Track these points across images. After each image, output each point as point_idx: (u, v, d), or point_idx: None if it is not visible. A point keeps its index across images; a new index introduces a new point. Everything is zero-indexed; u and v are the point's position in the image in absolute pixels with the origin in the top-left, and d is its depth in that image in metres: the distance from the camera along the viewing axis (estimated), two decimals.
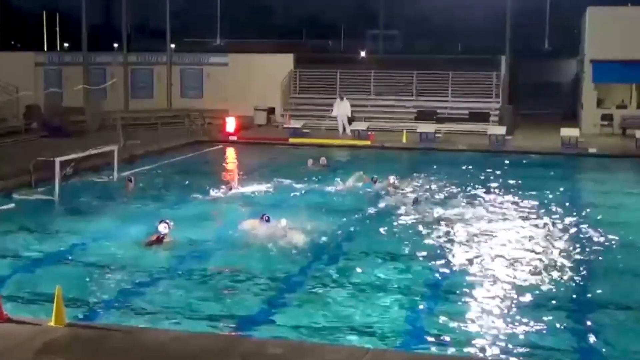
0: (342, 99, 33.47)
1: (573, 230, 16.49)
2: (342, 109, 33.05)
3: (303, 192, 20.82)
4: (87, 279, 12.67)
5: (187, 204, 18.77)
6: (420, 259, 14.09)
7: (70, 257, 14.08)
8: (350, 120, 32.97)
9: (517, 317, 11.00)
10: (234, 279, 12.76)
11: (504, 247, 14.86)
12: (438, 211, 17.96)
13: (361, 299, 11.81)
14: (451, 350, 9.88)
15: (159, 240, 14.53)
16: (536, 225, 16.75)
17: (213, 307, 11.39)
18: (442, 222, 16.77)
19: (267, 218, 15.80)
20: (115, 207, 18.45)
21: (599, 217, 17.78)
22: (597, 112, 34.01)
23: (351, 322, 10.79)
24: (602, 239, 15.71)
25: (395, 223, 16.88)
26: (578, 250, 14.86)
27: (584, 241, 15.54)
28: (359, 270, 13.37)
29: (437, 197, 19.93)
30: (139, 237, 15.41)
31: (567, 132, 29.62)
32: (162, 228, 14.67)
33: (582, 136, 30.11)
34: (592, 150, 28.60)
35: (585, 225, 16.86)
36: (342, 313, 11.14)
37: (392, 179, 21.15)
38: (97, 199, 19.38)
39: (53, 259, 13.95)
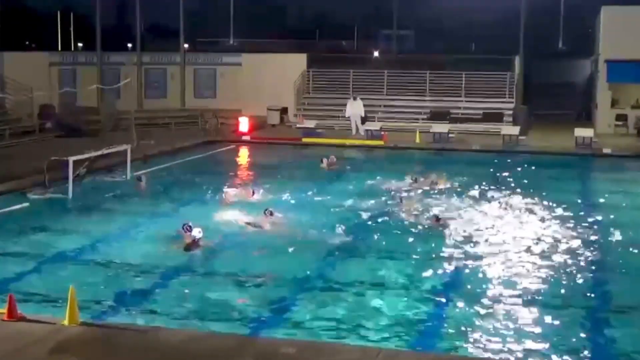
0: (355, 98, 33.46)
1: (588, 230, 16.39)
2: (355, 108, 33.03)
3: (317, 192, 20.83)
4: (101, 278, 12.70)
5: (201, 204, 18.76)
6: (436, 259, 14.05)
7: (83, 256, 14.12)
8: (364, 120, 32.95)
9: (531, 318, 10.97)
10: (248, 278, 12.77)
11: (517, 248, 14.79)
12: (454, 211, 17.93)
13: (374, 298, 11.80)
14: (463, 351, 9.85)
15: (195, 243, 14.44)
16: (551, 226, 16.66)
17: (227, 307, 11.40)
18: (457, 223, 16.76)
19: (269, 212, 15.94)
20: (128, 206, 18.50)
21: (614, 218, 17.69)
22: (612, 112, 33.84)
23: (363, 322, 10.78)
24: (617, 239, 15.65)
25: (412, 223, 16.86)
26: (593, 250, 14.78)
27: (599, 241, 15.47)
28: (373, 269, 13.37)
29: (453, 197, 19.87)
30: (152, 235, 15.50)
31: (581, 132, 29.47)
32: (197, 232, 14.56)
33: (597, 136, 29.95)
34: (606, 150, 28.44)
35: (600, 226, 16.79)
36: (355, 313, 11.12)
37: (433, 176, 21.41)
38: (110, 198, 19.46)
39: (66, 258, 13.99)
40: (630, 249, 15.02)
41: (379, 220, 17.44)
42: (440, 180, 21.44)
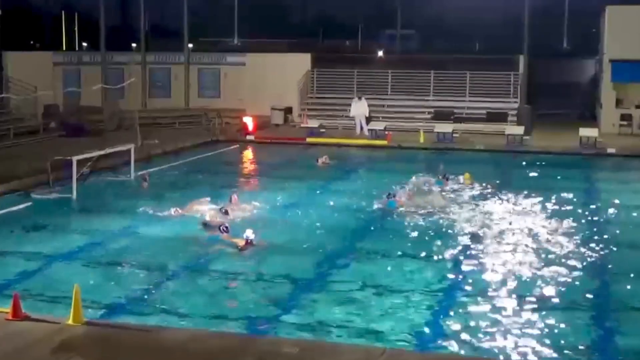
0: (359, 98, 33.41)
1: (593, 230, 16.38)
2: (359, 108, 32.99)
3: (325, 191, 20.90)
4: (105, 277, 12.72)
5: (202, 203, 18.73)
6: (439, 258, 14.05)
7: (87, 256, 14.14)
8: (368, 120, 32.92)
9: (535, 318, 10.94)
10: (250, 278, 12.78)
11: (522, 247, 14.78)
12: (460, 211, 17.94)
13: (378, 298, 11.79)
14: (467, 351, 9.83)
15: (249, 244, 14.39)
16: (556, 226, 16.60)
17: (230, 306, 11.41)
18: (464, 223, 16.77)
19: (224, 229, 15.00)
20: (132, 205, 18.47)
21: (619, 218, 17.68)
22: (616, 112, 33.76)
23: (367, 321, 10.77)
24: (622, 239, 15.62)
25: (419, 222, 16.85)
26: (598, 250, 14.74)
27: (604, 241, 15.41)
28: (377, 269, 13.37)
29: (459, 196, 19.86)
30: (156, 235, 15.50)
31: (585, 132, 29.41)
32: (250, 233, 14.52)
33: (601, 136, 29.88)
34: (610, 150, 28.38)
35: (605, 226, 16.78)
36: (359, 312, 11.11)
37: (461, 178, 21.54)
38: (114, 197, 19.49)
39: (70, 258, 14.01)
40: (635, 249, 14.99)
41: (385, 219, 17.45)
42: (464, 179, 21.59)
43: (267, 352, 8.68)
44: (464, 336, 10.27)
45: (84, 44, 67.67)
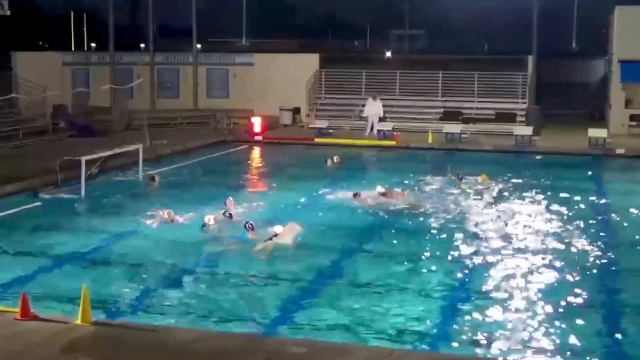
0: (374, 98, 33.32)
1: (601, 231, 16.33)
2: (374, 108, 32.93)
3: (325, 191, 20.86)
4: (112, 277, 12.74)
5: (213, 203, 18.75)
6: (446, 259, 14.02)
7: (95, 256, 14.16)
8: (381, 120, 32.88)
9: (541, 319, 10.91)
10: (258, 278, 12.77)
11: (530, 248, 14.75)
12: (466, 212, 17.91)
13: (386, 299, 11.77)
14: (473, 352, 9.81)
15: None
16: (564, 226, 16.57)
17: (236, 307, 11.41)
18: (471, 223, 16.74)
19: (250, 226, 15.14)
20: (140, 205, 18.50)
21: (629, 218, 17.60)
22: (626, 113, 33.64)
23: (375, 322, 10.75)
24: (631, 240, 15.58)
25: (426, 222, 16.83)
26: (606, 251, 14.70)
27: (612, 242, 15.39)
28: (385, 269, 13.36)
29: (464, 196, 19.83)
30: (163, 234, 15.51)
31: (594, 132, 29.31)
32: (278, 229, 14.67)
33: (610, 137, 29.77)
34: (620, 151, 28.27)
35: (614, 227, 16.74)
36: (367, 313, 11.10)
37: (478, 179, 21.61)
38: (122, 197, 19.51)
39: (79, 258, 14.03)
40: None
41: (394, 219, 17.42)
42: (481, 178, 21.69)
43: (274, 352, 8.68)
44: (470, 337, 10.25)
45: (93, 44, 67.92)
